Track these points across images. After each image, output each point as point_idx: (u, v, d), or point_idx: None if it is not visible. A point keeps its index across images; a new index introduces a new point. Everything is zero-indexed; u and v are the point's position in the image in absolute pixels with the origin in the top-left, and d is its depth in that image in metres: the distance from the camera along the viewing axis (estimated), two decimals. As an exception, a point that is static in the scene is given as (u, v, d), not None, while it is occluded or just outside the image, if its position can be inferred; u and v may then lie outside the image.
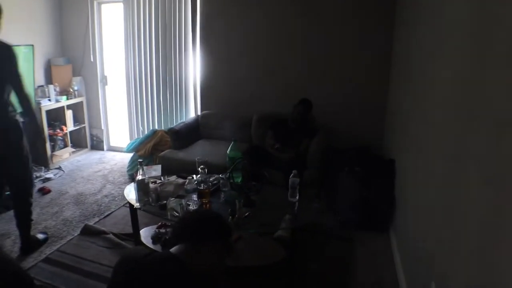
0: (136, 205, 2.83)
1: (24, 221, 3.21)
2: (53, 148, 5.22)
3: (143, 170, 2.79)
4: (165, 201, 2.77)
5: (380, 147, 4.41)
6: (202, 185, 2.80)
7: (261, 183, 2.96)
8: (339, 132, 4.51)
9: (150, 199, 2.80)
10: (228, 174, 2.94)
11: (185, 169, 3.55)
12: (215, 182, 3.17)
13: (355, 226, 3.45)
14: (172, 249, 1.47)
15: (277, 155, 4.03)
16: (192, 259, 1.42)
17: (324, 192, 3.88)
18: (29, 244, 3.23)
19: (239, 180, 3.06)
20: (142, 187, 2.79)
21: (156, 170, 3.13)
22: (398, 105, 3.71)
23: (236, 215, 2.58)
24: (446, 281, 1.68)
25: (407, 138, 3.04)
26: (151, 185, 2.85)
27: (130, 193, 2.99)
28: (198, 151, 4.26)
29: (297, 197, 2.87)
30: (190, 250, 1.46)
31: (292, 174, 2.85)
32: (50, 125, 5.22)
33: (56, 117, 5.42)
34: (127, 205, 3.88)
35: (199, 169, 2.82)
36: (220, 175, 3.17)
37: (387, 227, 3.46)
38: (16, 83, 2.82)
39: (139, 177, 2.79)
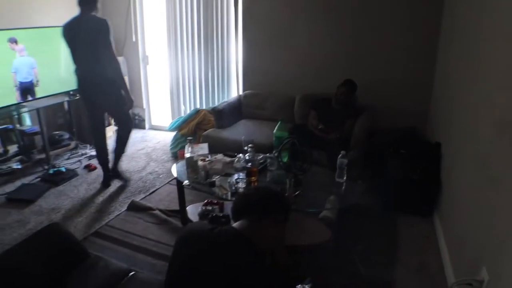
0: (185, 182, 2.85)
1: (121, 151, 4.14)
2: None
3: (191, 148, 2.79)
4: (214, 179, 2.78)
5: (424, 130, 4.28)
6: (250, 163, 2.78)
7: (308, 163, 2.91)
8: (383, 113, 4.39)
9: (199, 177, 2.81)
10: (275, 153, 2.90)
11: (229, 148, 3.55)
12: (261, 161, 3.14)
13: (399, 209, 3.38)
14: (235, 224, 1.49)
15: (320, 135, 3.97)
16: (256, 234, 1.42)
17: (368, 174, 3.80)
18: (116, 172, 4.13)
19: (286, 159, 3.02)
20: (191, 165, 2.81)
21: (203, 148, 3.13)
22: (445, 86, 3.58)
23: (286, 194, 2.54)
24: (499, 267, 1.63)
25: (454, 121, 2.95)
26: (200, 163, 2.86)
27: (180, 172, 3.01)
28: (241, 131, 4.25)
29: (345, 178, 2.81)
30: (254, 225, 1.46)
31: (341, 154, 2.80)
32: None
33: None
34: (172, 182, 3.95)
35: (248, 147, 2.80)
36: (268, 155, 3.14)
37: (432, 211, 3.35)
38: (109, 51, 3.50)
39: (188, 154, 2.80)
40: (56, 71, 4.51)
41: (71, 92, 4.65)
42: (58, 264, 2.09)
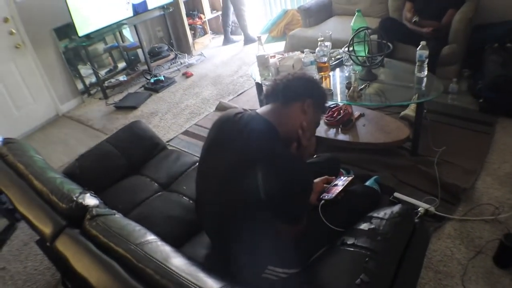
0: (257, 79, 2.88)
1: None
2: (194, 36, 5.51)
3: (262, 45, 2.78)
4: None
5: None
6: (321, 58, 2.68)
7: (386, 56, 2.70)
8: (491, 2, 3.71)
9: (270, 74, 2.82)
10: (348, 45, 2.74)
11: (314, 47, 3.42)
12: (338, 57, 3.01)
13: (500, 111, 2.91)
14: (260, 109, 1.45)
15: (414, 29, 3.58)
16: (280, 119, 1.37)
17: (466, 71, 3.39)
18: None
19: (362, 53, 2.83)
20: (262, 62, 2.81)
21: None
22: None
23: (352, 87, 2.43)
24: None
25: None
26: (271, 60, 2.84)
27: (254, 71, 3.04)
28: (329, 28, 4.02)
29: (425, 73, 2.50)
30: (279, 109, 1.41)
31: (420, 45, 2.46)
32: (188, 15, 5.47)
33: (193, 6, 5.66)
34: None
35: (318, 40, 2.68)
36: (344, 49, 2.97)
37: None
38: None
39: (259, 52, 2.79)
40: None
41: (165, 6, 4.80)
42: (137, 155, 2.37)
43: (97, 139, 3.24)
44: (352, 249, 1.27)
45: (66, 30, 4.27)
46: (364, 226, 1.34)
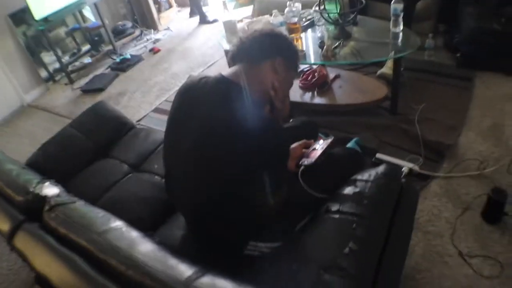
0: (225, 47, 2.73)
1: None
2: (159, 11, 5.25)
3: (227, 10, 2.62)
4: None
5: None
6: (291, 19, 2.54)
7: (359, 13, 2.58)
8: None
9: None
10: (319, 4, 2.60)
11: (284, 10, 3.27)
12: (309, 17, 2.87)
13: (478, 65, 2.80)
14: (226, 71, 1.33)
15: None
16: (249, 80, 1.26)
17: (442, 26, 3.28)
18: None
19: (334, 11, 2.70)
20: (229, 28, 2.66)
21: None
22: None
23: (325, 46, 2.31)
24: None
25: None
26: (239, 25, 2.69)
27: (222, 38, 2.88)
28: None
29: (401, 28, 2.38)
30: (246, 69, 1.29)
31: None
32: (152, -13, 5.20)
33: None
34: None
35: (287, 1, 2.53)
36: (314, 8, 2.83)
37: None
38: None
39: (225, 18, 2.63)
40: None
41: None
42: (104, 137, 2.23)
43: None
44: (337, 216, 1.17)
45: (23, 15, 3.98)
46: (348, 190, 1.24)
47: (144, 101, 3.56)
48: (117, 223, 1.08)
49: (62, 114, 3.80)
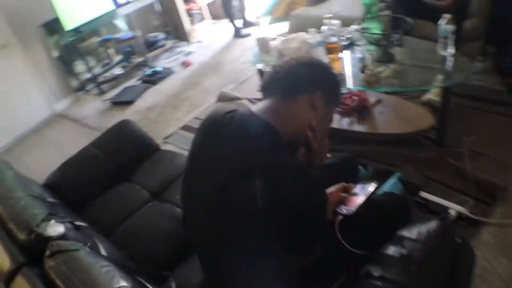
0: (258, 66, 2.59)
1: None
2: (191, 23, 5.19)
3: (261, 27, 2.47)
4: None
5: None
6: (330, 38, 2.37)
7: (404, 33, 2.37)
8: None
9: (273, 58, 2.51)
10: (360, 23, 2.42)
11: (320, 27, 3.10)
12: (349, 36, 2.68)
13: None
14: (256, 105, 1.16)
15: (431, 2, 3.21)
16: (280, 116, 1.09)
17: (491, 48, 3.02)
18: None
19: (376, 30, 2.52)
20: (262, 46, 2.51)
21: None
22: None
23: (367, 71, 2.12)
24: None
25: None
26: (272, 43, 2.53)
27: (255, 56, 2.74)
28: (336, 5, 3.70)
29: (450, 51, 2.17)
30: (279, 105, 1.12)
31: (443, 19, 2.12)
32: (184, 0, 5.13)
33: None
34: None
35: (326, 19, 2.37)
36: (355, 27, 2.65)
37: None
38: None
39: (258, 35, 2.49)
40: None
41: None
42: (127, 159, 2.11)
43: (92, 139, 3.01)
44: (380, 283, 0.98)
45: (56, 25, 3.96)
46: (393, 251, 1.05)
47: (173, 116, 3.45)
48: (123, 284, 0.92)
49: (91, 125, 3.75)
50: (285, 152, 1.06)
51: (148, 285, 1.18)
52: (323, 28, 2.36)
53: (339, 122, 2.49)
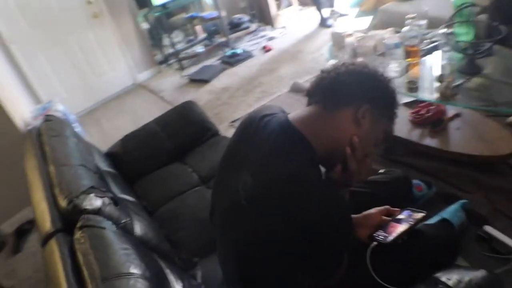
0: (330, 62, 2.49)
1: None
2: (278, 7, 5.13)
3: (336, 20, 2.37)
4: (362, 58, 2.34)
5: None
6: (410, 40, 2.20)
7: (496, 43, 2.12)
8: None
9: (345, 55, 2.40)
10: (446, 27, 2.21)
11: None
12: (434, 39, 2.47)
13: None
14: (295, 112, 1.05)
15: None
16: (317, 128, 0.98)
17: None
18: None
19: (465, 37, 2.28)
20: (336, 40, 2.41)
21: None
22: None
23: (444, 82, 1.93)
24: None
25: None
26: (347, 39, 2.42)
27: (328, 50, 2.64)
28: (427, 3, 3.43)
29: None
30: (319, 114, 1.01)
31: None
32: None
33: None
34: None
35: (407, 18, 2.20)
36: (442, 30, 2.44)
37: None
38: None
39: (334, 29, 2.39)
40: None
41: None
42: (185, 140, 2.16)
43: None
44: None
45: (145, -1, 4.17)
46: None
47: (244, 101, 3.47)
48: (133, 271, 0.94)
49: (166, 99, 3.90)
50: (314, 168, 0.95)
51: (168, 271, 1.20)
52: (405, 28, 2.19)
53: (410, 132, 2.32)
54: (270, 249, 0.91)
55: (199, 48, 4.62)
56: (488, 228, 1.67)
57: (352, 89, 1.01)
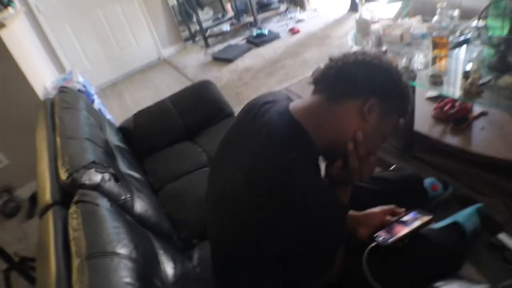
0: (355, 48, 2.40)
1: None
2: (310, -12, 5.03)
3: (363, 5, 2.28)
4: (385, 49, 2.24)
5: None
6: (439, 31, 2.09)
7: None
8: None
9: (370, 43, 2.31)
10: (478, 19, 2.09)
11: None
12: (466, 31, 2.35)
13: None
14: (295, 102, 1.00)
15: None
16: (319, 120, 0.91)
17: None
18: None
19: (499, 31, 2.15)
20: (361, 28, 2.32)
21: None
22: None
23: (470, 78, 1.82)
24: None
25: None
26: (373, 26, 2.32)
27: (353, 36, 2.55)
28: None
29: None
30: (321, 105, 0.93)
31: None
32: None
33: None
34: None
35: (438, 7, 2.09)
36: (475, 22, 2.31)
37: None
38: None
39: (360, 15, 2.30)
40: None
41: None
42: (198, 120, 2.15)
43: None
44: None
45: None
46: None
47: (265, 83, 3.43)
48: (119, 251, 0.93)
49: (188, 76, 3.89)
50: (309, 163, 0.89)
51: (162, 251, 1.20)
52: (434, 18, 2.09)
53: (431, 128, 2.23)
54: (254, 242, 0.88)
55: (225, 27, 4.56)
56: (503, 236, 1.58)
57: (359, 81, 0.92)
